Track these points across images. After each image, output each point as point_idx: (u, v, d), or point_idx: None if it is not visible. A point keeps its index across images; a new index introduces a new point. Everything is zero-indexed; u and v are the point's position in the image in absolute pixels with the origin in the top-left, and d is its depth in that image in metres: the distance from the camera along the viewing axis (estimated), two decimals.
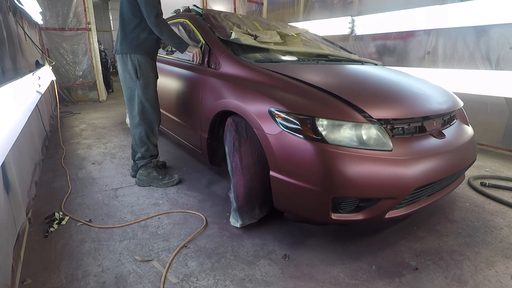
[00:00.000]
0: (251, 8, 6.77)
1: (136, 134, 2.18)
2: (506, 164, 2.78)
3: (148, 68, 2.08)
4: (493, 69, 3.07)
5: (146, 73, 2.07)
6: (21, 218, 1.54)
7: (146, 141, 2.18)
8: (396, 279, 1.34)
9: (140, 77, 2.06)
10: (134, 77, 2.06)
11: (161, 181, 2.21)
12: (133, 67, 2.04)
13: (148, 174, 2.21)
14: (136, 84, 2.06)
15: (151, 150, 2.23)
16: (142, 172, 2.22)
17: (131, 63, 2.04)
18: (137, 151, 2.25)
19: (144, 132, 2.16)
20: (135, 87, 2.08)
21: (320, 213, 1.37)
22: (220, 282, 1.30)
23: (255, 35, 2.15)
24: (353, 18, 4.29)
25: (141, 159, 2.23)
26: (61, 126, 3.75)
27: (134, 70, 2.04)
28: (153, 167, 2.24)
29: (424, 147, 1.44)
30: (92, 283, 1.28)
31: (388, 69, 2.26)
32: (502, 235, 1.68)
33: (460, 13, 3.13)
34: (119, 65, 2.11)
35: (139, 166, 2.24)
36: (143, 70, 2.05)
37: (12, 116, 1.40)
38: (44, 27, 5.01)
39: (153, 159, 2.26)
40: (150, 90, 2.11)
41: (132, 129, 2.20)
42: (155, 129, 2.21)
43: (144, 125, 2.14)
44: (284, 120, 1.40)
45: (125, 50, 2.03)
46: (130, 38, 2.02)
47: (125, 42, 2.03)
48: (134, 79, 2.06)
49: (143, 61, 2.05)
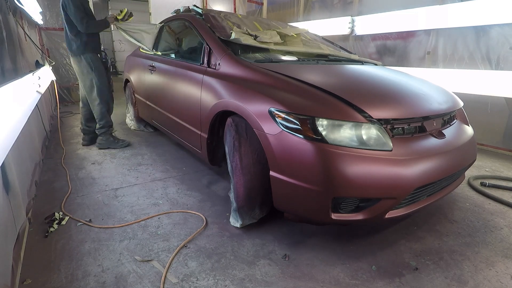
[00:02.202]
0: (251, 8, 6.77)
1: (97, 110, 2.86)
2: (506, 164, 2.78)
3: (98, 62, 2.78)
4: (493, 69, 3.07)
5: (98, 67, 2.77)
6: (21, 218, 1.54)
7: (105, 115, 2.90)
8: (396, 279, 1.34)
9: (94, 70, 2.76)
10: (90, 70, 2.74)
11: (117, 143, 3.01)
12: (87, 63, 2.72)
13: (107, 139, 2.97)
14: (93, 75, 2.76)
15: (109, 121, 2.96)
16: (102, 138, 2.96)
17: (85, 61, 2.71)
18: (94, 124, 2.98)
19: (105, 108, 2.88)
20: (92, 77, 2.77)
21: (320, 213, 1.37)
22: (220, 282, 1.30)
23: (255, 35, 2.15)
24: (353, 18, 4.29)
25: (102, 128, 2.93)
26: (61, 126, 3.75)
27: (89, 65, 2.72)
28: (110, 134, 3.00)
29: (424, 147, 1.44)
30: (92, 283, 1.28)
31: (388, 69, 2.26)
32: (502, 235, 1.68)
33: (460, 13, 3.12)
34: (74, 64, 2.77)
35: (99, 134, 2.96)
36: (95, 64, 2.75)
37: (12, 116, 1.40)
38: (44, 27, 5.00)
39: (109, 128, 2.99)
40: (103, 77, 2.83)
41: (93, 107, 2.87)
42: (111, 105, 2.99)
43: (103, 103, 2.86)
44: (284, 120, 1.40)
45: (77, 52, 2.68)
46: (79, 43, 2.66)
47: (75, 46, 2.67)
48: (90, 72, 2.74)
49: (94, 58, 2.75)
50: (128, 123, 3.90)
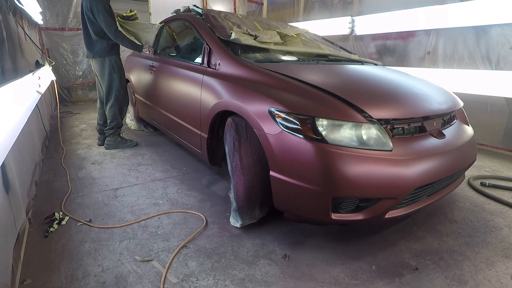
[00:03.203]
0: (251, 8, 6.76)
1: (111, 112, 2.92)
2: (506, 164, 2.78)
3: (120, 64, 2.88)
4: (493, 69, 3.07)
5: (120, 69, 2.87)
6: (21, 218, 1.54)
7: (117, 116, 2.96)
8: (396, 279, 1.34)
9: (117, 72, 2.83)
10: (112, 72, 2.80)
11: (125, 144, 3.05)
12: (111, 65, 2.79)
13: (115, 140, 3.01)
14: (114, 77, 2.82)
15: (119, 123, 3.02)
16: (110, 139, 3.00)
17: (109, 63, 2.78)
18: (105, 125, 3.04)
19: (118, 110, 2.95)
20: (113, 79, 2.83)
21: (320, 213, 1.37)
22: (220, 282, 1.30)
23: (255, 35, 2.15)
24: (353, 18, 4.28)
25: (111, 129, 2.98)
26: (61, 126, 3.75)
27: (112, 67, 2.79)
28: (118, 135, 3.06)
29: (424, 147, 1.44)
30: (92, 283, 1.28)
31: (388, 69, 2.26)
32: (502, 235, 1.68)
33: (460, 13, 3.12)
34: (97, 66, 2.80)
35: (108, 135, 3.00)
36: (118, 67, 2.84)
37: (12, 116, 1.40)
38: (44, 27, 5.01)
39: (118, 129, 3.04)
40: (123, 80, 2.92)
41: (107, 108, 2.93)
42: (125, 109, 3.05)
43: (118, 105, 2.93)
44: (284, 120, 1.40)
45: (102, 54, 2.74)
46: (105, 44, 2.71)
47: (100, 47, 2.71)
48: (113, 74, 2.81)
49: (118, 60, 2.84)
50: (128, 123, 3.90)
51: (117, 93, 2.86)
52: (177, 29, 2.86)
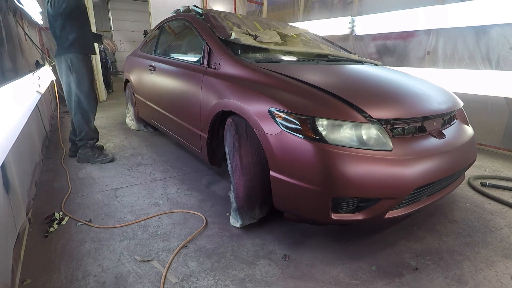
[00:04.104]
0: (251, 8, 6.77)
1: (76, 121, 2.56)
2: (506, 164, 2.78)
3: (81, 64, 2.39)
4: (493, 69, 3.07)
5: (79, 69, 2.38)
6: (21, 218, 1.54)
7: (84, 126, 2.56)
8: (396, 279, 1.34)
9: (73, 73, 2.38)
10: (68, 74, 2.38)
11: (96, 158, 2.62)
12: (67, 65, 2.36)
13: (85, 153, 2.61)
14: (70, 79, 2.40)
15: (89, 133, 2.60)
16: (81, 151, 2.62)
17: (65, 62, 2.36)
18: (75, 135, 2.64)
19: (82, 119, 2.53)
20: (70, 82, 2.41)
21: (320, 213, 1.37)
22: (220, 282, 1.30)
23: (255, 35, 2.15)
24: (353, 18, 4.29)
25: (80, 141, 2.61)
26: (61, 126, 3.75)
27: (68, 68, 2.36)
28: (89, 147, 2.63)
29: (424, 147, 1.44)
30: (92, 283, 1.28)
31: (388, 69, 2.26)
32: (502, 235, 1.68)
33: (460, 13, 3.12)
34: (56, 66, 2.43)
35: (79, 146, 2.63)
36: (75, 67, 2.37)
37: (12, 116, 1.40)
38: (44, 27, 5.00)
39: (89, 140, 2.63)
40: (84, 83, 2.44)
41: (72, 117, 2.58)
42: (91, 116, 2.59)
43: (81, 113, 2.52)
44: (284, 120, 1.40)
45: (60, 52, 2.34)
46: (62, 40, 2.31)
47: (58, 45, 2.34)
48: (69, 76, 2.39)
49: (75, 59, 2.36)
50: (128, 123, 3.90)
51: (76, 98, 2.45)
52: (177, 29, 2.86)
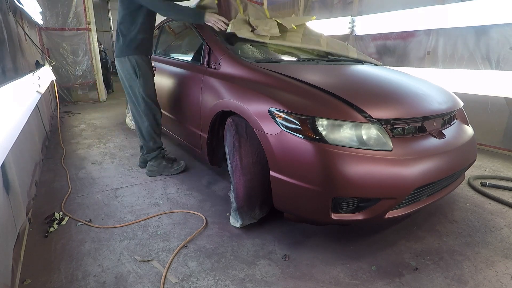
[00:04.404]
0: None
1: (143, 129, 2.28)
2: (506, 164, 2.78)
3: (146, 67, 2.19)
4: (493, 69, 3.07)
5: (144, 72, 2.17)
6: (21, 218, 1.54)
7: (153, 135, 2.29)
8: (396, 279, 1.34)
9: (139, 77, 2.16)
10: (134, 77, 2.15)
11: (171, 168, 2.37)
12: (132, 67, 2.13)
13: (158, 164, 2.35)
14: (137, 83, 2.16)
15: (158, 142, 2.35)
16: (152, 163, 2.35)
17: (130, 64, 2.13)
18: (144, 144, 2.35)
19: (151, 127, 2.27)
20: (135, 86, 2.17)
21: (320, 213, 1.37)
22: (220, 282, 1.30)
23: (254, 26, 2.09)
24: (353, 18, 4.28)
25: (151, 152, 2.34)
26: (61, 126, 3.75)
27: (133, 70, 2.14)
28: (162, 157, 2.38)
29: (424, 147, 1.44)
30: (92, 283, 1.28)
31: (388, 69, 2.26)
32: (502, 235, 1.68)
33: (460, 13, 3.12)
34: (118, 67, 2.21)
35: (150, 159, 2.35)
36: (141, 70, 2.15)
37: (12, 116, 1.40)
38: (44, 27, 5.00)
39: (161, 149, 2.38)
40: (150, 88, 2.23)
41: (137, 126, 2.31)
42: (159, 121, 2.34)
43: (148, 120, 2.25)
44: (284, 120, 1.40)
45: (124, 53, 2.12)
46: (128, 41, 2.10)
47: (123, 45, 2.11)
48: (134, 79, 2.16)
49: (140, 61, 2.14)
50: (128, 123, 3.89)
51: (143, 104, 2.20)
52: (177, 29, 2.87)
